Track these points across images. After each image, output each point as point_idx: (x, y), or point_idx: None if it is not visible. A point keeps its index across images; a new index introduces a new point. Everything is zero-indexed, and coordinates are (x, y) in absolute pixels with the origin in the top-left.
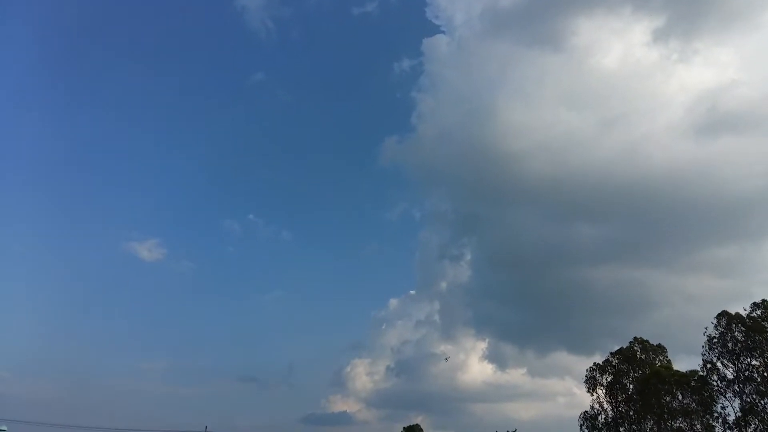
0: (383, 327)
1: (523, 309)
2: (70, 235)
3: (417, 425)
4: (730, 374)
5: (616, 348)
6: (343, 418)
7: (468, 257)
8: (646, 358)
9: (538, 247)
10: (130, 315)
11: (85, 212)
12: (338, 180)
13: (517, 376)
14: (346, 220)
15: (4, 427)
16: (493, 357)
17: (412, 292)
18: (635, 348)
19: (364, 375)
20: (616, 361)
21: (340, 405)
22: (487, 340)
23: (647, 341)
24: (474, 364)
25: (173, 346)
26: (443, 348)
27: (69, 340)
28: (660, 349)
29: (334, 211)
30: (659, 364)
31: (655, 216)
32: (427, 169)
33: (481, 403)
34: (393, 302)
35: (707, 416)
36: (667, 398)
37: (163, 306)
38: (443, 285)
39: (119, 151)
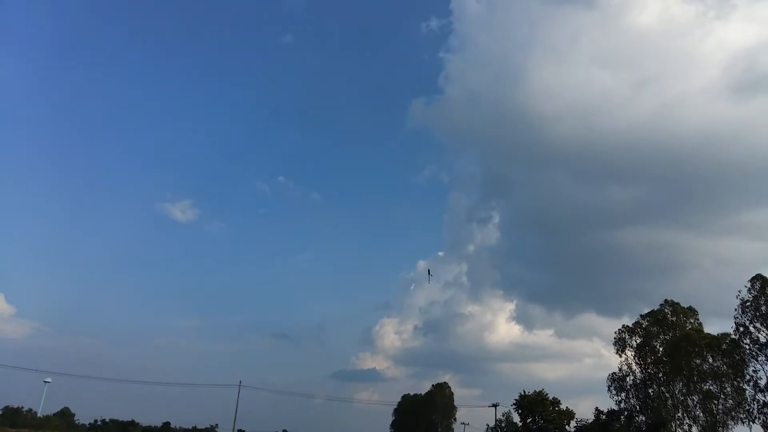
0: (411, 288)
1: (552, 271)
2: (107, 196)
3: (445, 383)
4: (762, 338)
5: (646, 310)
6: (372, 375)
7: (496, 220)
8: (676, 320)
9: (568, 210)
10: (165, 274)
11: (121, 174)
12: (366, 142)
13: (544, 337)
14: (374, 182)
15: (48, 380)
16: (521, 318)
17: (441, 253)
18: (666, 310)
19: (393, 334)
20: (646, 323)
21: (369, 362)
22: (514, 301)
23: (678, 304)
24: (501, 325)
25: (207, 304)
26: (470, 309)
27: (107, 298)
28: (691, 311)
29: (363, 174)
30: (690, 326)
31: (688, 178)
32: (456, 131)
33: (507, 363)
34: (421, 263)
35: (738, 379)
36: (697, 361)
37: (197, 265)
38: (471, 247)
39: (153, 114)
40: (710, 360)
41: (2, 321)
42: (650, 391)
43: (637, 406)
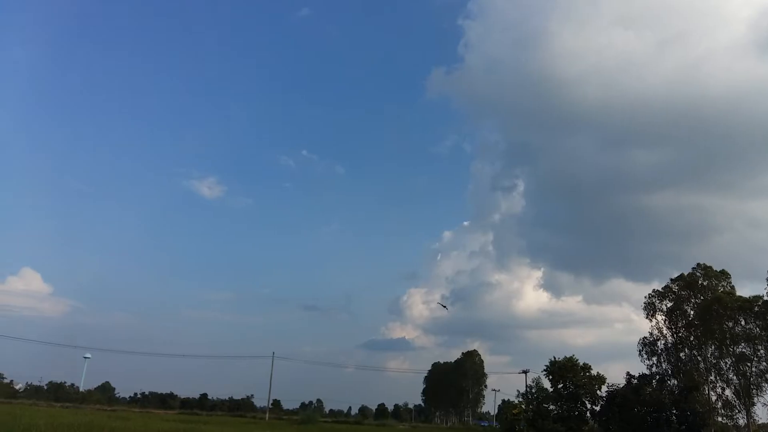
0: (438, 258)
1: (579, 237)
2: (136, 176)
3: (475, 350)
4: None
5: (676, 274)
6: (401, 344)
7: (521, 188)
8: (708, 284)
9: (593, 175)
10: (195, 250)
11: (148, 153)
12: (388, 114)
13: (572, 303)
14: (397, 153)
15: (88, 355)
16: (549, 285)
17: (466, 223)
18: (697, 274)
19: (421, 303)
20: (677, 288)
21: (398, 332)
22: (542, 268)
23: (710, 267)
24: (529, 293)
25: (237, 278)
26: (497, 277)
27: (140, 275)
28: (723, 275)
29: (385, 145)
30: (722, 290)
31: (716, 139)
32: (477, 99)
33: (536, 330)
34: (447, 234)
35: None
36: (730, 324)
37: (226, 240)
38: (496, 216)
39: (176, 93)
40: (743, 323)
41: (40, 300)
42: (682, 355)
43: (669, 370)
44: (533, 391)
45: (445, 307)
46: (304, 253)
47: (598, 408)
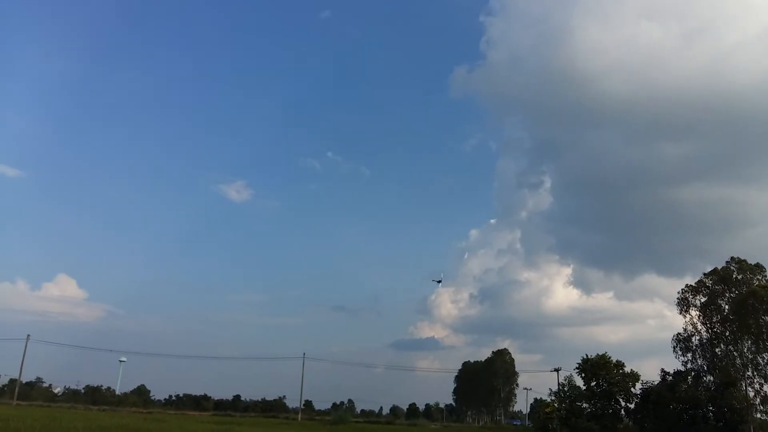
0: (465, 256)
1: (608, 233)
2: (168, 181)
3: (505, 349)
4: None
5: (709, 269)
6: (430, 343)
7: (547, 184)
8: (743, 278)
9: (621, 169)
10: (225, 253)
11: (178, 159)
12: (411, 114)
13: (603, 300)
14: (421, 153)
15: (123, 359)
16: (578, 282)
17: (493, 221)
18: (731, 268)
19: (449, 303)
20: (711, 282)
21: (427, 331)
22: (571, 265)
23: (744, 261)
24: (558, 290)
25: (267, 281)
26: (526, 275)
27: (173, 278)
28: (758, 268)
29: (410, 145)
30: (757, 283)
31: (746, 130)
32: (501, 97)
33: (566, 328)
34: (473, 232)
35: None
36: (766, 318)
37: (255, 243)
38: (523, 213)
39: (203, 101)
40: None
41: (76, 305)
42: (717, 350)
43: (705, 366)
44: (566, 389)
45: (439, 282)
46: (332, 254)
47: (632, 406)
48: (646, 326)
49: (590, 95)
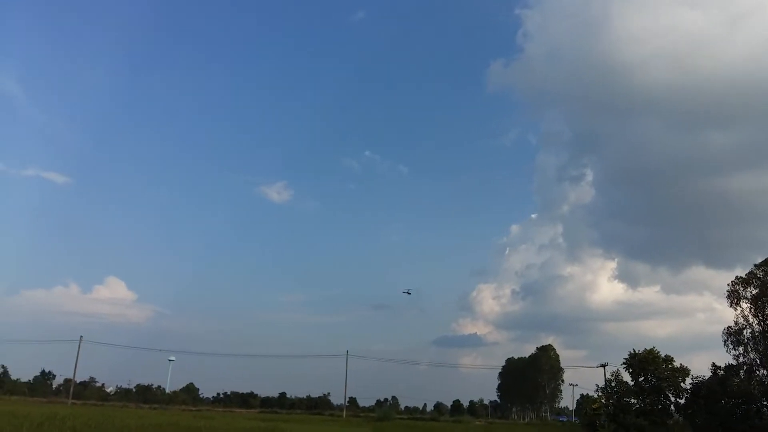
0: (506, 252)
1: (654, 225)
2: (211, 184)
3: (549, 345)
4: None
5: (760, 259)
6: (473, 340)
7: (589, 177)
8: None
9: (666, 160)
10: (268, 253)
11: (220, 162)
12: (448, 110)
13: (650, 293)
14: (459, 149)
15: (172, 358)
16: (624, 276)
17: (533, 216)
18: None
19: (491, 299)
20: (762, 273)
21: (469, 327)
22: (616, 259)
23: None
24: (603, 284)
25: (309, 279)
26: (569, 270)
27: (219, 279)
28: None
29: (447, 142)
30: None
31: None
32: (539, 90)
33: (612, 322)
34: (514, 227)
35: None
36: None
37: (296, 243)
38: (565, 207)
39: (243, 104)
40: None
41: (126, 307)
42: None
43: (758, 360)
44: (613, 385)
45: (408, 293)
46: (372, 252)
47: (682, 401)
48: (695, 320)
49: (631, 85)
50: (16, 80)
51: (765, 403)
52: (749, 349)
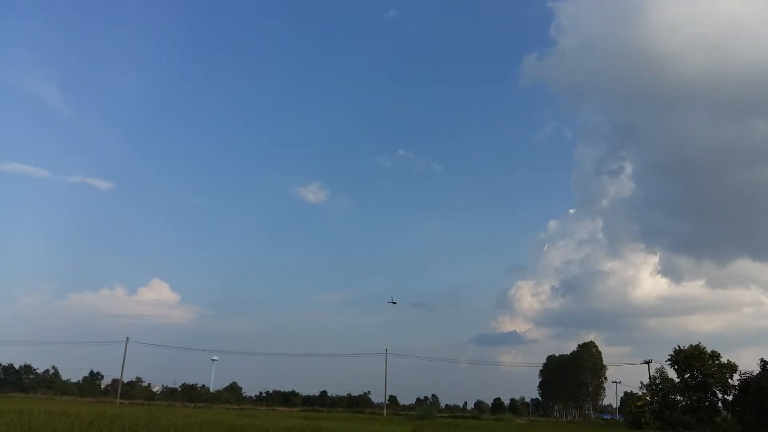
0: (545, 248)
1: (697, 218)
2: (249, 186)
3: (591, 342)
4: None
5: None
6: (513, 338)
7: (628, 170)
8: None
9: (708, 150)
10: (306, 253)
11: (257, 164)
12: (481, 107)
13: (694, 288)
14: (494, 146)
15: (215, 358)
16: (667, 270)
17: (572, 211)
18: None
19: (530, 296)
20: None
21: (508, 325)
22: (658, 253)
23: None
24: (645, 279)
25: (346, 279)
26: (609, 265)
27: (258, 279)
28: None
29: (481, 138)
30: None
31: None
32: (574, 83)
33: (656, 318)
34: (552, 223)
35: None
36: None
37: (333, 242)
38: (604, 201)
39: (277, 106)
40: None
41: (169, 308)
42: None
43: None
44: (658, 381)
45: (393, 302)
46: (408, 251)
47: (730, 398)
48: (741, 314)
49: (670, 75)
50: (57, 89)
51: None
52: None
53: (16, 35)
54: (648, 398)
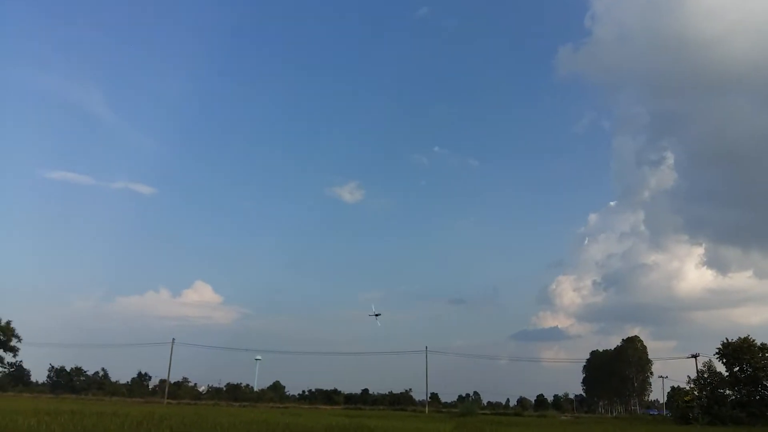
0: (585, 242)
1: (743, 207)
2: (288, 187)
3: (636, 336)
4: None
5: None
6: (554, 333)
7: (670, 160)
8: None
9: (754, 138)
10: (344, 253)
11: (295, 165)
12: (516, 100)
13: (741, 279)
14: (531, 139)
15: (258, 357)
16: (712, 262)
17: (612, 203)
18: None
19: (571, 291)
20: None
21: (549, 321)
22: (703, 245)
23: None
24: (690, 272)
25: (385, 277)
26: (653, 258)
27: (299, 279)
28: None
29: (517, 132)
30: None
31: None
32: (610, 72)
33: (702, 311)
34: (592, 216)
35: None
36: None
37: (371, 241)
38: (646, 193)
39: (313, 105)
40: None
41: (213, 309)
42: None
43: None
44: (706, 376)
45: (377, 315)
46: (445, 248)
47: None
48: None
49: (711, 61)
50: (101, 96)
51: None
52: None
53: (62, 45)
54: (696, 393)
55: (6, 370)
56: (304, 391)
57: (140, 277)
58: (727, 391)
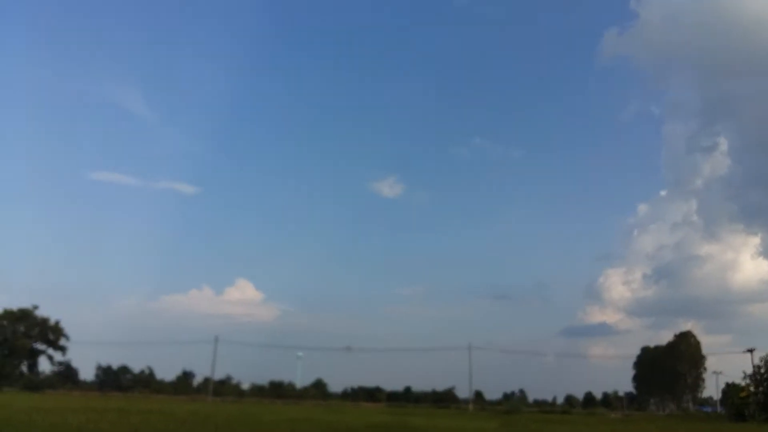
0: (634, 233)
1: None
2: (328, 184)
3: (689, 331)
4: None
5: None
6: (603, 329)
7: (724, 146)
8: None
9: None
10: (385, 248)
11: (335, 161)
12: (559, 87)
13: None
14: (576, 128)
15: (300, 354)
16: None
17: (663, 193)
18: None
19: (620, 284)
20: None
21: (598, 316)
22: (759, 234)
23: None
24: (746, 263)
25: (427, 272)
26: (706, 249)
27: (340, 276)
28: None
29: (562, 121)
30: None
31: None
32: (659, 56)
33: (759, 304)
34: (642, 207)
35: None
36: None
37: (411, 236)
38: (698, 181)
39: (350, 100)
40: None
41: (255, 306)
42: None
43: None
44: (762, 371)
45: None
46: (489, 241)
47: None
48: None
49: (766, 41)
50: (141, 95)
51: None
52: None
53: (101, 45)
54: (752, 389)
55: (56, 368)
56: (346, 389)
57: (183, 276)
58: None
